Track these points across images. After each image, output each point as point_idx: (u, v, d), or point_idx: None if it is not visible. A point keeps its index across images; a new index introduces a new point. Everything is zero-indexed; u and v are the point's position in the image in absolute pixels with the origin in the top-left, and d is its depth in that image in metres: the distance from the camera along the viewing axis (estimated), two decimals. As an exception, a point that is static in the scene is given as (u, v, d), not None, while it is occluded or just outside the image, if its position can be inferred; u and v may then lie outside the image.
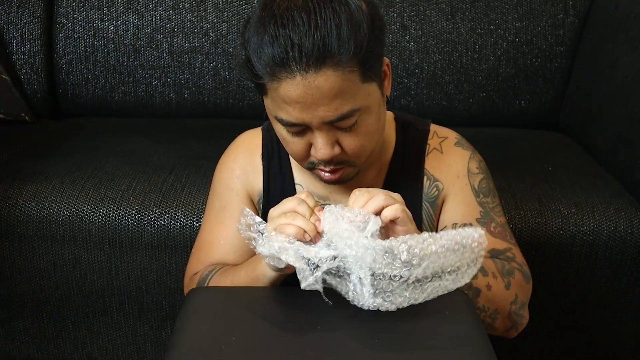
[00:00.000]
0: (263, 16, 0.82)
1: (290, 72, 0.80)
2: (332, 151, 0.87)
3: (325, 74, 0.80)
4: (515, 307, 0.95)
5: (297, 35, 0.78)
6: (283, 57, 0.79)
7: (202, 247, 1.06)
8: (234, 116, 1.81)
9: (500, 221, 1.02)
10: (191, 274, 1.05)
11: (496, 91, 1.74)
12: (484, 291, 0.92)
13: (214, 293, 0.91)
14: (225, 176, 1.07)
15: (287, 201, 0.85)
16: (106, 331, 1.44)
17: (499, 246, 0.99)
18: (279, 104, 0.84)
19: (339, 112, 0.83)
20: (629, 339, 1.40)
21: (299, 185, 1.04)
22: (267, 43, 0.80)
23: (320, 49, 0.79)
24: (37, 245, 1.36)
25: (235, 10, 1.73)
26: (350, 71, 0.81)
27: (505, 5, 1.71)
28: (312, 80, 0.80)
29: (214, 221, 1.06)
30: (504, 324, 0.96)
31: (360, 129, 0.87)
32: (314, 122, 0.84)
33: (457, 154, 1.04)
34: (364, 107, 0.85)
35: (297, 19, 0.79)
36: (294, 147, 0.90)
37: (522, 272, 0.98)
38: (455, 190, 1.01)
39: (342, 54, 0.79)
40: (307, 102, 0.82)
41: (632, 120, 1.41)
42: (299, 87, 0.80)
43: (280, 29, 0.79)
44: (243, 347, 0.78)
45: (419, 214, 1.02)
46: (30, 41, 1.76)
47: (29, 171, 1.42)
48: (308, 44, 0.78)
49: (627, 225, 1.30)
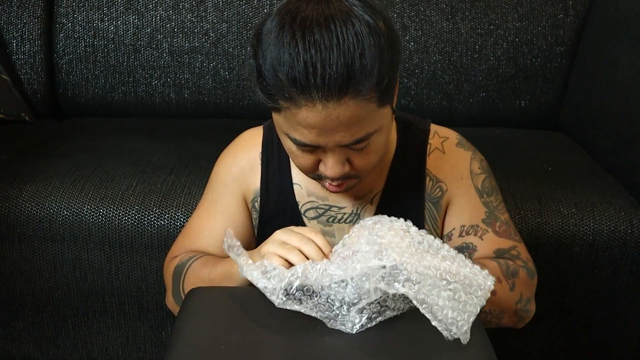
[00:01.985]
0: (279, 32, 0.77)
1: (311, 100, 0.77)
2: (343, 169, 0.87)
3: (347, 104, 0.77)
4: (520, 305, 0.97)
5: (319, 60, 0.74)
6: (304, 83, 0.75)
7: (188, 234, 1.08)
8: (234, 116, 1.81)
9: (504, 219, 1.03)
10: (172, 256, 1.07)
11: (496, 91, 1.74)
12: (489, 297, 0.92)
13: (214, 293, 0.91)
14: (221, 171, 1.08)
15: (294, 234, 0.85)
16: (106, 331, 1.44)
17: (504, 245, 1.00)
18: (293, 126, 0.82)
19: (355, 138, 0.82)
20: (629, 338, 1.40)
21: (298, 185, 1.04)
22: (287, 66, 0.76)
23: (345, 78, 0.75)
24: (37, 245, 1.36)
25: (235, 10, 1.74)
26: (369, 100, 0.79)
27: (505, 5, 1.71)
28: (333, 109, 0.77)
29: (204, 212, 1.08)
30: (511, 320, 0.98)
31: (372, 148, 0.87)
32: (329, 145, 0.83)
33: (459, 155, 1.04)
34: (378, 129, 0.85)
35: (319, 42, 0.74)
36: (302, 161, 0.89)
37: (526, 270, 0.99)
38: (459, 193, 1.02)
39: (364, 84, 0.77)
40: (325, 129, 0.80)
41: (632, 120, 1.41)
42: (319, 115, 0.78)
43: (302, 52, 0.75)
44: (243, 347, 0.78)
45: (421, 214, 1.02)
46: (30, 41, 1.76)
47: (29, 171, 1.42)
48: (332, 72, 0.74)
49: (627, 225, 1.30)
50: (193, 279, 0.99)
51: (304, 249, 0.83)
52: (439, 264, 0.78)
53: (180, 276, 1.01)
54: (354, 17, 0.76)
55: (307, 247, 0.83)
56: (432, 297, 0.75)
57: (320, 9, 0.77)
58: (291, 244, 0.84)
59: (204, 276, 0.97)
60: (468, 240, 1.00)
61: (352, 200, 1.02)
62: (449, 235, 1.02)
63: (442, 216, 1.03)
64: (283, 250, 0.84)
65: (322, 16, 0.76)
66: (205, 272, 0.97)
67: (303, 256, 0.83)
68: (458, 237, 1.01)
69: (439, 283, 0.76)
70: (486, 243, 0.99)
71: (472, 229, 1.00)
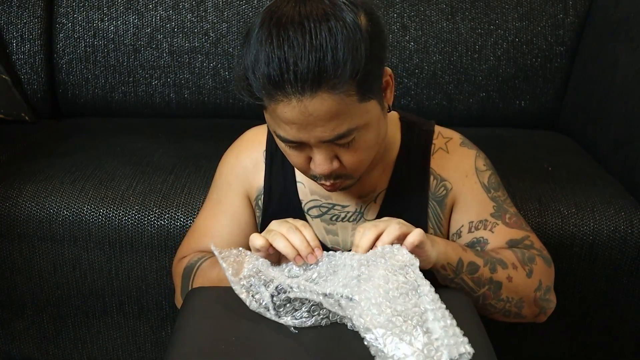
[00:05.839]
0: (259, 34, 0.80)
1: (286, 95, 0.79)
2: (331, 166, 0.87)
3: (321, 98, 0.79)
4: (540, 293, 0.97)
5: (292, 56, 0.77)
6: (278, 79, 0.78)
7: (195, 234, 1.09)
8: (234, 116, 1.81)
9: (513, 211, 1.03)
10: (180, 257, 1.08)
11: (496, 91, 1.74)
12: (505, 283, 0.94)
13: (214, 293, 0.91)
14: (225, 170, 1.09)
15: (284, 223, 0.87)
16: (106, 331, 1.44)
17: (516, 236, 1.00)
18: (277, 122, 0.84)
19: (336, 133, 0.83)
20: (629, 339, 1.40)
21: (301, 183, 1.04)
22: (263, 63, 0.79)
23: (316, 73, 0.77)
24: (37, 245, 1.36)
25: (235, 10, 1.73)
26: (346, 94, 0.80)
27: (505, 5, 1.71)
28: (308, 103, 0.79)
29: (209, 212, 1.09)
30: (531, 310, 0.98)
31: (359, 144, 0.87)
32: (311, 141, 0.84)
33: (463, 154, 1.04)
34: (362, 125, 0.85)
35: (292, 39, 0.77)
36: (294, 159, 0.91)
37: (542, 257, 0.99)
38: (465, 190, 1.02)
39: (337, 77, 0.78)
40: (304, 124, 0.82)
41: (632, 120, 1.41)
42: (295, 110, 0.80)
43: (276, 49, 0.77)
44: (243, 347, 0.78)
45: (425, 212, 1.02)
46: (30, 41, 1.76)
47: (29, 171, 1.42)
48: (303, 67, 0.77)
49: (627, 225, 1.30)
50: (202, 279, 0.99)
51: (289, 237, 0.85)
52: (408, 309, 0.75)
53: (190, 276, 1.01)
54: (330, 15, 0.79)
55: (292, 236, 0.85)
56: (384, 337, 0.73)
57: (298, 7, 0.79)
58: (278, 231, 0.86)
59: (212, 276, 0.98)
60: (478, 235, 1.00)
61: (355, 198, 1.03)
62: (458, 233, 1.02)
63: (447, 215, 1.03)
64: (269, 234, 0.86)
65: (298, 15, 0.79)
66: (214, 272, 0.98)
67: (288, 243, 0.85)
68: (467, 233, 1.01)
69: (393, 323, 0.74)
70: (497, 235, 0.99)
71: (481, 223, 1.00)
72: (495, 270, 0.93)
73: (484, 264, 0.93)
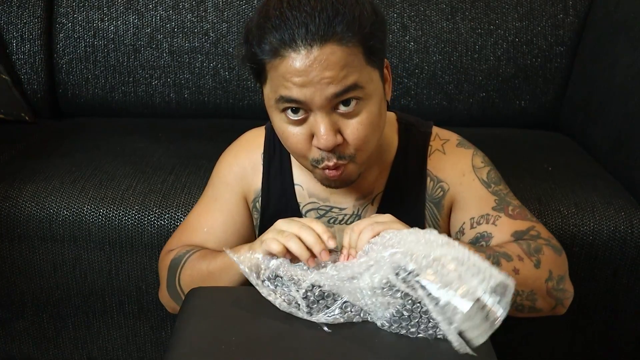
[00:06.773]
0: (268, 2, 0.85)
1: (295, 47, 0.82)
2: (335, 139, 0.86)
3: (331, 48, 0.82)
4: (552, 284, 0.94)
5: (303, 13, 0.81)
6: (290, 35, 0.81)
7: (186, 229, 1.08)
8: (234, 116, 1.81)
9: (516, 203, 1.01)
10: (168, 249, 1.07)
11: (496, 91, 1.74)
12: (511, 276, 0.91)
13: (214, 293, 0.91)
14: (223, 170, 1.09)
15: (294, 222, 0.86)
16: (106, 331, 1.44)
17: (521, 227, 0.98)
18: (280, 82, 0.84)
19: (344, 84, 0.83)
20: (629, 339, 1.40)
21: (299, 186, 1.04)
22: (273, 23, 0.82)
23: (326, 27, 0.81)
24: (37, 245, 1.36)
25: (235, 10, 1.73)
26: (354, 47, 0.83)
27: (505, 5, 1.71)
28: (317, 53, 0.82)
29: (203, 208, 1.08)
30: (546, 303, 0.95)
31: (363, 116, 0.86)
32: (315, 99, 0.83)
33: (459, 154, 1.04)
34: (367, 92, 0.86)
35: (303, 3, 0.82)
36: (294, 139, 0.89)
37: (551, 246, 0.96)
38: (463, 189, 1.01)
39: (346, 31, 0.82)
40: (310, 77, 0.82)
41: (632, 120, 1.41)
42: (303, 60, 0.82)
43: (287, 10, 0.82)
44: (243, 347, 0.78)
45: (422, 214, 1.02)
46: (30, 41, 1.76)
47: (29, 171, 1.42)
48: (315, 23, 0.81)
49: (627, 225, 1.30)
50: (190, 271, 0.98)
51: (302, 236, 0.84)
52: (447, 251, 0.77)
53: (177, 269, 1.01)
54: None
55: (306, 234, 0.84)
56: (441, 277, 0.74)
57: None
58: (290, 232, 0.85)
59: (202, 268, 0.97)
60: (481, 230, 0.98)
61: (353, 201, 1.03)
62: (460, 231, 1.01)
63: (445, 216, 1.03)
64: (282, 237, 0.84)
65: None
66: (203, 264, 0.97)
67: (301, 243, 0.83)
68: (470, 229, 1.00)
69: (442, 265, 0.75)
70: (501, 228, 0.98)
71: (483, 218, 0.99)
72: (500, 263, 0.90)
73: (486, 258, 0.92)
